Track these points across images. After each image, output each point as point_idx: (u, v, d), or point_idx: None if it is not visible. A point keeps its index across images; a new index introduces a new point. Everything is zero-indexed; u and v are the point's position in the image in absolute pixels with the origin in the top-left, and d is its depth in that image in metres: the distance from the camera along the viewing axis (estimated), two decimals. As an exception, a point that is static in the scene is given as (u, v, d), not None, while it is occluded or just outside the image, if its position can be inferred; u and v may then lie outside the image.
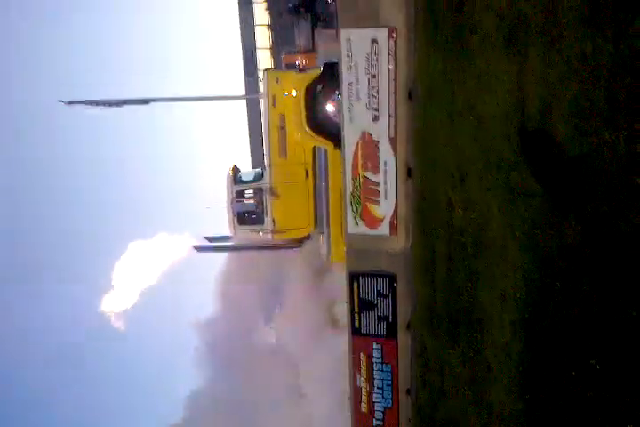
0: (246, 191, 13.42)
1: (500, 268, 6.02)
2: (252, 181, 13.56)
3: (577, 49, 4.53)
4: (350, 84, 8.45)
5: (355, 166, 8.73)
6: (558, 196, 5.13)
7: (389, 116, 8.29)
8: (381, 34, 7.87)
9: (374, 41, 8.00)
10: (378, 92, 8.30)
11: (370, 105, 8.43)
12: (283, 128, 12.64)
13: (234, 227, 13.79)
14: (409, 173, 8.27)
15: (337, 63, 8.82)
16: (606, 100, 4.28)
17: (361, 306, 8.95)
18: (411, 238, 8.41)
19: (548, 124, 5.05)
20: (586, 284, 4.82)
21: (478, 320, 6.46)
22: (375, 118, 8.45)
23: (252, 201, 13.57)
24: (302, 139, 12.61)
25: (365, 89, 8.39)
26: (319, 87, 12.26)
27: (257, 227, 13.59)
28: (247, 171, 14.63)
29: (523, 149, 5.55)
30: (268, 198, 13.12)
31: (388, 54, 7.96)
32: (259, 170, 13.97)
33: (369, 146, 8.59)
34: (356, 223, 8.95)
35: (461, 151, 6.70)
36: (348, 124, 8.69)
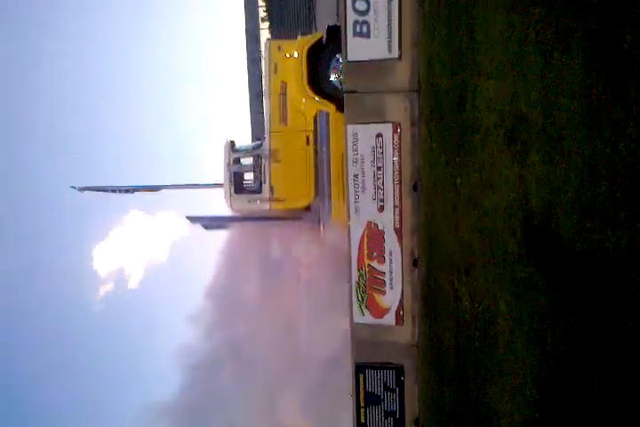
0: (244, 159, 12.85)
1: (509, 363, 5.91)
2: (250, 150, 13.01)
3: (576, 149, 4.66)
4: (356, 175, 8.64)
5: (360, 256, 8.76)
6: (565, 291, 5.11)
7: (394, 206, 8.42)
8: (386, 129, 8.14)
9: (379, 135, 8.25)
10: (383, 183, 8.47)
11: (375, 196, 8.58)
12: (284, 94, 12.13)
13: (230, 196, 12.96)
14: (415, 263, 8.29)
15: (339, 26, 8.55)
16: (607, 199, 4.36)
17: (367, 400, 8.71)
18: (417, 330, 8.31)
19: (551, 219, 5.12)
20: (596, 382, 4.71)
21: (487, 418, 6.27)
22: (381, 209, 8.56)
23: (249, 162, 12.84)
24: (304, 101, 12.05)
25: (371, 180, 8.56)
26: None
27: (254, 196, 12.84)
28: (246, 143, 14.05)
29: (527, 243, 5.59)
30: (266, 165, 12.36)
31: (393, 148, 8.19)
32: (258, 142, 13.45)
33: (374, 236, 8.66)
34: (362, 313, 8.87)
35: (466, 243, 6.74)
36: (353, 215, 8.80)
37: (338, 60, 11.56)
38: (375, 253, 8.67)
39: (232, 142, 13.16)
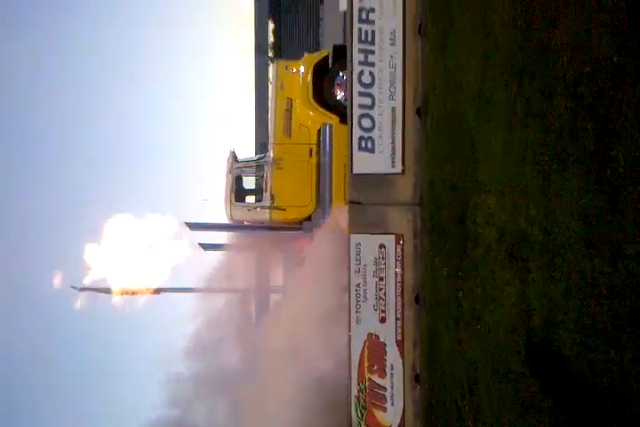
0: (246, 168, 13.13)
1: (515, 490, 5.59)
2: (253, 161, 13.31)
3: (576, 267, 4.69)
4: (358, 285, 8.62)
5: (361, 369, 8.55)
6: (570, 413, 4.94)
7: (396, 318, 8.32)
8: (389, 240, 8.23)
9: (382, 246, 8.32)
10: (385, 294, 8.43)
11: (377, 306, 8.51)
12: (289, 110, 12.43)
13: (230, 204, 12.87)
14: (417, 378, 8.06)
15: (345, 45, 8.69)
16: (609, 318, 4.33)
17: None
18: (419, 450, 7.94)
19: (553, 337, 5.05)
20: None
21: None
22: (382, 320, 8.46)
23: (252, 168, 13.00)
24: (311, 114, 12.30)
25: (373, 290, 8.53)
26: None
27: (255, 204, 12.81)
28: (249, 156, 14.43)
29: (530, 361, 5.48)
30: (268, 174, 12.43)
31: (396, 259, 8.24)
32: (261, 155, 13.63)
33: (376, 348, 8.50)
34: (361, 430, 8.53)
35: (469, 359, 6.60)
36: (355, 325, 8.69)
37: (342, 76, 12.08)
38: (376, 367, 8.46)
39: (234, 153, 13.49)
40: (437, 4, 7.21)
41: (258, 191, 13.31)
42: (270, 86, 14.00)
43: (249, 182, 13.77)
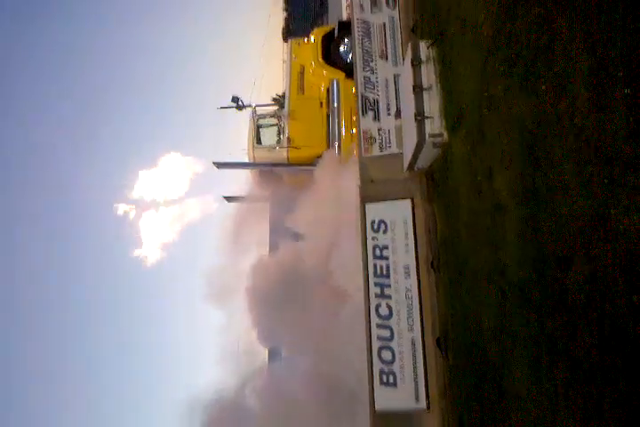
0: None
1: None
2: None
3: None
4: None
5: None
6: None
7: None
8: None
9: None
10: None
11: None
12: (301, 73, 15.41)
13: (253, 147, 15.22)
14: None
15: (349, 21, 11.52)
16: None
17: None
18: None
19: None
20: None
21: None
22: None
23: (271, 118, 15.42)
24: (321, 72, 14.90)
25: None
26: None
27: (274, 144, 15.05)
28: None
29: None
30: (285, 122, 14.98)
31: None
32: (278, 109, 16.30)
33: None
34: None
35: None
36: None
37: (347, 43, 15.18)
38: None
39: (255, 107, 16.37)
40: (447, 243, 7.56)
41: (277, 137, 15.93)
42: (286, 57, 16.94)
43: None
